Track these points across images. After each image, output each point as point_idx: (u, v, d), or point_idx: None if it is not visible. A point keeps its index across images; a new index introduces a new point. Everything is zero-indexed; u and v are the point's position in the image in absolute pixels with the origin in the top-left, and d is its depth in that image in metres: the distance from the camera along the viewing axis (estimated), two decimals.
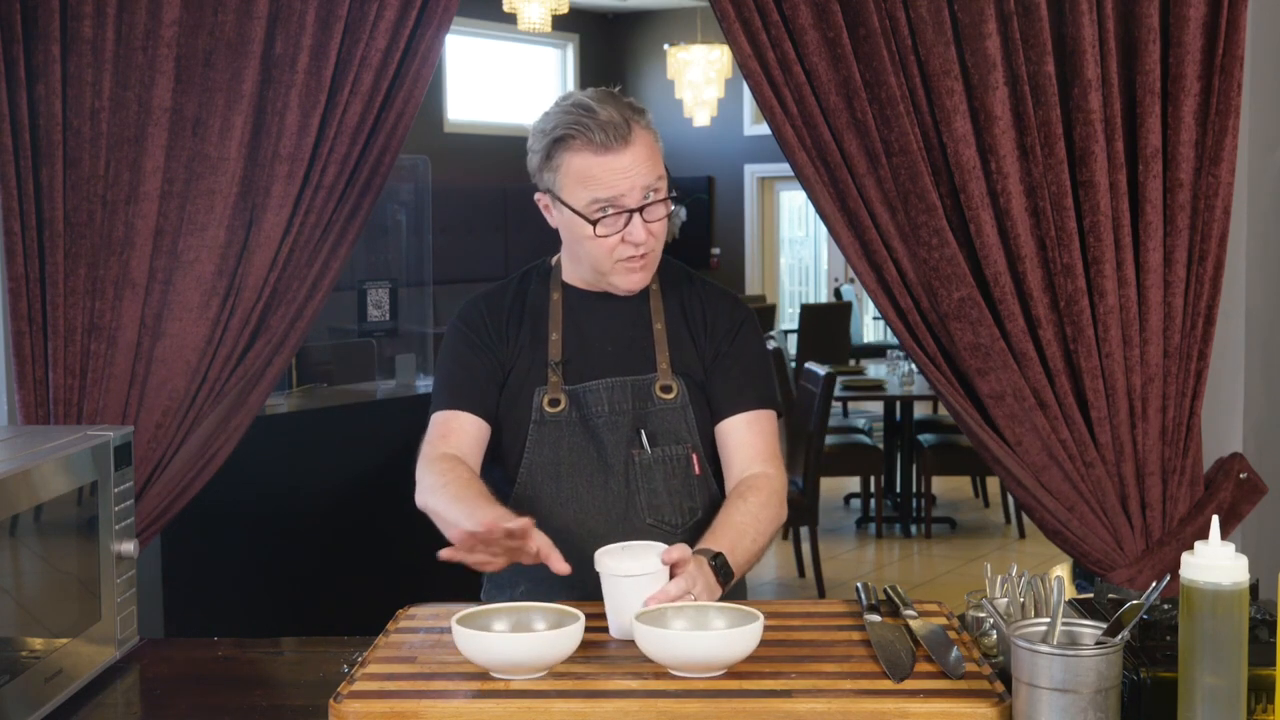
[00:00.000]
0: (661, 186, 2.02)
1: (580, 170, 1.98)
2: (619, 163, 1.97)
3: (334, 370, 5.07)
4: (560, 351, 2.09)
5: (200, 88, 2.36)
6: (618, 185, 1.98)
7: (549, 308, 2.13)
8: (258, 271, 2.41)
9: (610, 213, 1.99)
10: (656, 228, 2.03)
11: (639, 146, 1.99)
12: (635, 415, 2.06)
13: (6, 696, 1.61)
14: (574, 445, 2.06)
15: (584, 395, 2.07)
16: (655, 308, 2.13)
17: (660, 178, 2.02)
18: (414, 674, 1.66)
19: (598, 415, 2.06)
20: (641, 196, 1.99)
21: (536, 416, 2.07)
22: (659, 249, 2.07)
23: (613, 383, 2.07)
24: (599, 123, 1.97)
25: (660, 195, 2.01)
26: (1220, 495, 2.38)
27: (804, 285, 14.52)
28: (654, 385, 2.07)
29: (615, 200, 1.99)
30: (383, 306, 5.12)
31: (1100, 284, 2.30)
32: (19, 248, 2.33)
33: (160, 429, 2.39)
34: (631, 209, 1.99)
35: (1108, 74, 2.28)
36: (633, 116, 2.00)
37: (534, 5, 8.63)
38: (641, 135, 2.00)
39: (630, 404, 2.07)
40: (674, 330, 2.12)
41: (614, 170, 1.98)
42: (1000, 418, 2.36)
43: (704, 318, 2.13)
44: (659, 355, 2.09)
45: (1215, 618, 1.38)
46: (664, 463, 2.07)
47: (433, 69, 2.45)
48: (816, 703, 1.53)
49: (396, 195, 5.50)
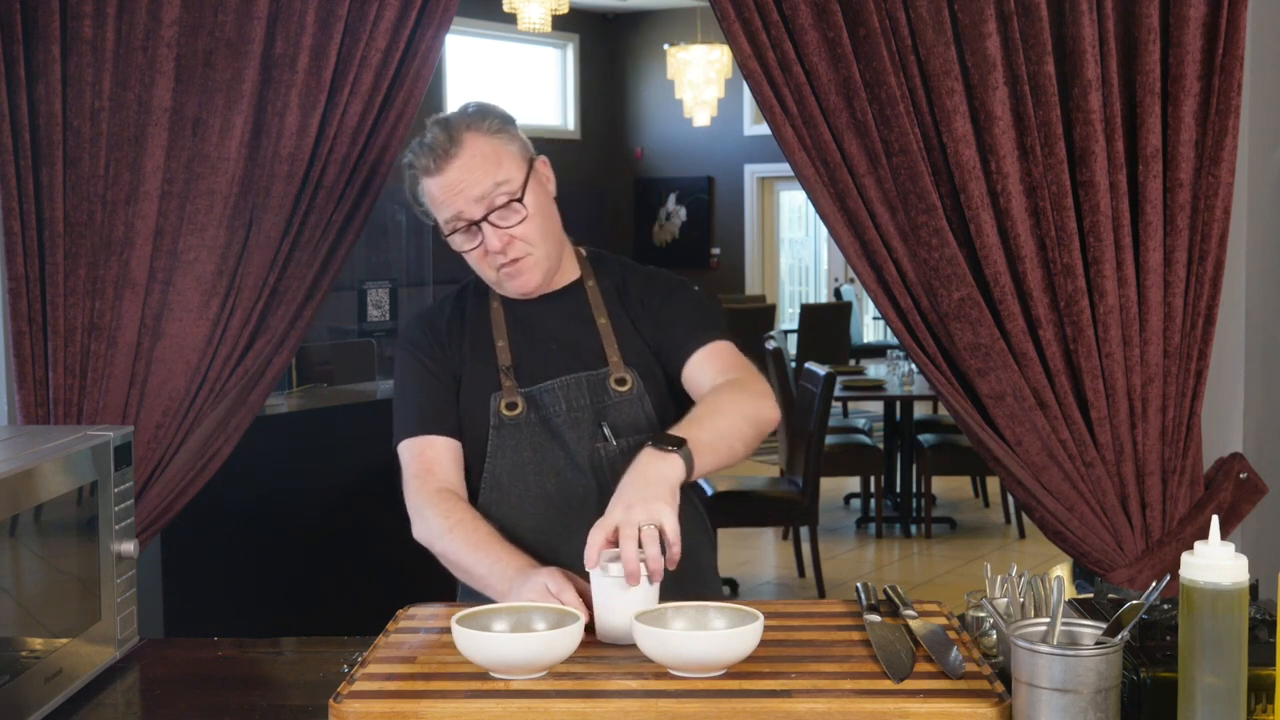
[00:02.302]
0: (505, 190, 1.99)
1: (428, 194, 2.03)
2: (447, 179, 1.99)
3: (334, 370, 5.07)
4: (509, 356, 2.09)
5: (200, 88, 2.36)
6: (454, 202, 2.00)
7: (490, 316, 2.13)
8: (258, 271, 2.41)
9: (461, 227, 2.01)
10: (519, 230, 2.01)
11: (465, 157, 1.99)
12: (595, 410, 2.06)
13: (6, 696, 1.61)
14: (537, 446, 2.06)
15: (540, 396, 2.06)
16: (595, 303, 2.12)
17: (501, 183, 1.99)
18: (414, 674, 1.66)
19: (556, 414, 2.06)
20: (484, 206, 1.99)
21: (495, 422, 2.06)
22: (541, 248, 2.04)
23: (568, 380, 2.07)
24: (425, 146, 2.00)
25: (505, 200, 2.00)
26: (1220, 495, 2.38)
27: (804, 285, 14.52)
28: (608, 379, 2.07)
29: (458, 217, 2.00)
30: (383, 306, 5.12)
31: (1100, 284, 2.30)
32: (19, 248, 2.33)
33: (160, 429, 2.39)
34: (474, 220, 2.00)
35: (1108, 74, 2.28)
36: (466, 126, 2.00)
37: (534, 5, 8.64)
38: (473, 145, 2.00)
39: (588, 399, 2.06)
40: (618, 323, 2.11)
41: (445, 188, 2.00)
42: (1000, 418, 2.36)
43: (643, 302, 2.13)
44: (608, 349, 2.08)
45: (1215, 618, 1.38)
46: (629, 454, 2.03)
47: (433, 69, 2.45)
48: (816, 703, 1.53)
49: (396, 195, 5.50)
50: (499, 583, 1.90)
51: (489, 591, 1.93)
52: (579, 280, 2.15)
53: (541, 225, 2.04)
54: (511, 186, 2.00)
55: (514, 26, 9.30)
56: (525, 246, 2.03)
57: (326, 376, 5.00)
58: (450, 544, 1.98)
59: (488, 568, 1.93)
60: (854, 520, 7.25)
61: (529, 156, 2.06)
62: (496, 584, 1.91)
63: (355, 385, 4.93)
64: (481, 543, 1.96)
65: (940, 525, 7.06)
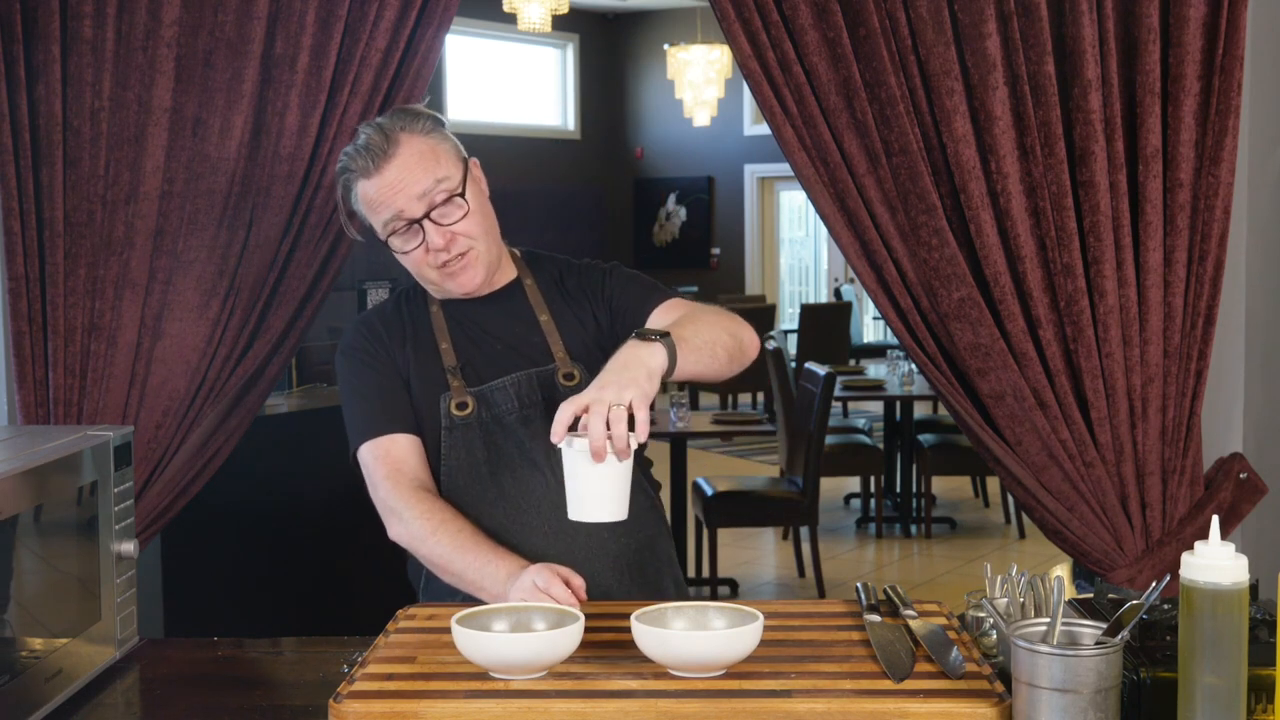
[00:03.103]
0: (445, 187, 1.99)
1: (364, 197, 2.01)
2: (385, 179, 1.98)
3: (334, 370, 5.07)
4: (454, 357, 2.08)
5: (200, 88, 2.36)
6: (394, 201, 1.99)
7: (430, 320, 2.12)
8: (258, 272, 2.41)
9: (400, 229, 2.01)
10: (461, 226, 2.01)
11: (402, 157, 1.98)
12: (547, 405, 2.04)
13: (6, 696, 1.61)
14: (490, 445, 2.05)
15: (491, 394, 2.05)
16: (535, 301, 2.12)
17: (441, 179, 1.99)
18: (414, 674, 1.66)
19: (509, 412, 2.05)
20: (424, 204, 1.99)
21: (446, 423, 2.05)
22: (483, 243, 2.04)
23: (518, 377, 2.06)
24: (359, 148, 2.00)
25: (445, 196, 2.00)
26: (1220, 495, 2.38)
27: (804, 285, 14.52)
28: (556, 374, 2.06)
29: (398, 215, 2.00)
30: None
31: (1100, 284, 2.30)
32: (19, 248, 2.33)
33: (160, 429, 2.39)
34: (416, 218, 1.99)
35: (1108, 74, 2.28)
36: (400, 128, 2.00)
37: (534, 5, 8.64)
38: (409, 144, 1.99)
39: (539, 395, 2.06)
40: (561, 318, 2.11)
41: (384, 188, 1.99)
42: (1000, 418, 2.36)
43: (582, 291, 2.13)
44: (553, 345, 2.08)
45: (1215, 618, 1.38)
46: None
47: (433, 69, 2.45)
48: (816, 703, 1.53)
49: None
50: (492, 586, 1.90)
51: (481, 595, 1.93)
52: (517, 280, 2.15)
53: (482, 221, 2.04)
54: (452, 183, 2.00)
55: (514, 26, 9.30)
56: (468, 242, 2.03)
57: (326, 376, 5.00)
58: (435, 548, 1.97)
59: (477, 572, 1.92)
60: (854, 520, 7.25)
61: (463, 156, 2.06)
62: (490, 588, 1.91)
63: None
64: (467, 545, 1.95)
65: (940, 525, 7.06)
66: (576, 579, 1.85)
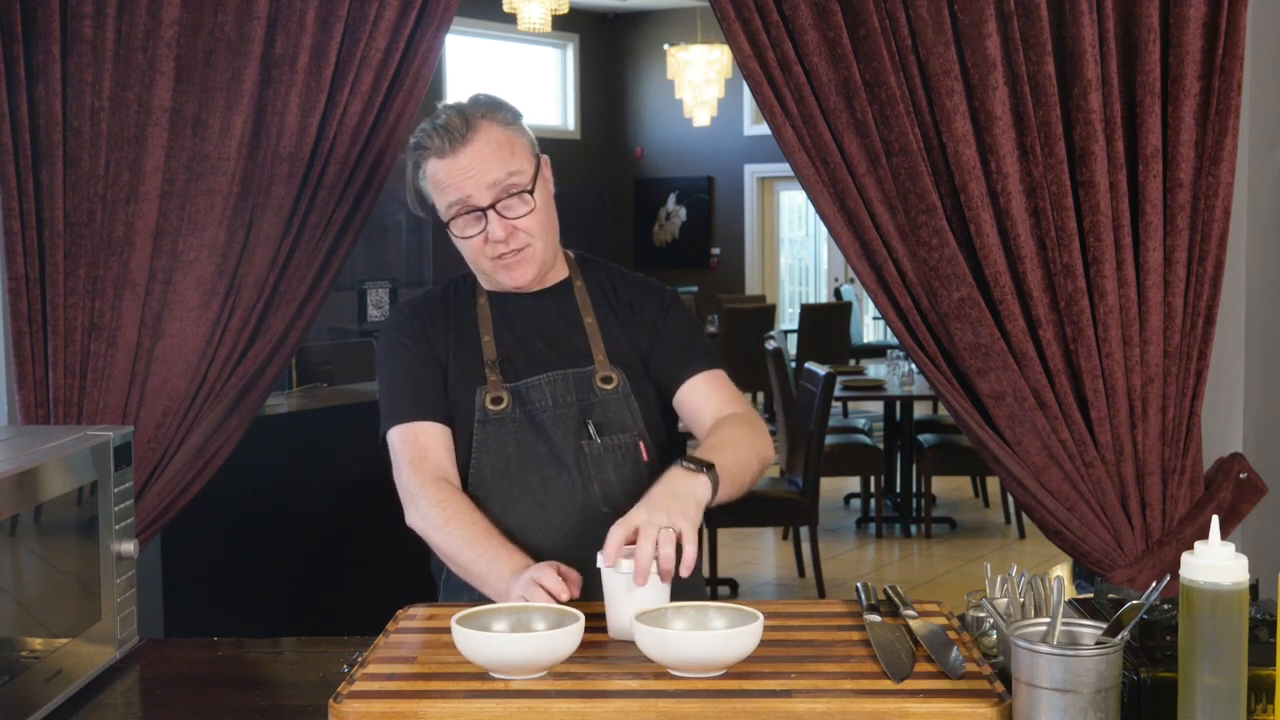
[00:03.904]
0: (518, 181, 2.01)
1: (432, 176, 2.03)
2: (459, 163, 2.00)
3: (334, 370, 5.08)
4: (495, 351, 2.10)
5: (200, 88, 2.36)
6: (463, 186, 2.00)
7: (476, 312, 2.13)
8: (258, 271, 2.41)
9: (464, 214, 2.02)
10: (524, 223, 2.03)
11: (481, 144, 2.00)
12: (581, 407, 2.06)
13: (6, 696, 1.61)
14: (522, 441, 2.06)
15: (526, 391, 2.07)
16: (583, 303, 2.14)
17: (514, 172, 2.00)
18: (414, 674, 1.66)
19: (542, 410, 2.06)
20: (492, 194, 2.00)
21: (480, 416, 2.06)
22: (542, 242, 2.06)
23: (554, 376, 2.08)
24: (438, 127, 2.01)
25: (516, 190, 2.01)
26: (1220, 495, 2.38)
27: (804, 285, 14.52)
28: (594, 377, 2.08)
29: (465, 201, 2.01)
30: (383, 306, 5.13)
31: (1100, 284, 2.30)
32: (19, 248, 2.33)
33: (160, 429, 2.39)
34: (482, 207, 2.00)
35: (1108, 74, 2.28)
36: (481, 115, 2.01)
37: (534, 5, 8.64)
38: (488, 132, 2.01)
39: (574, 396, 2.07)
40: (605, 323, 2.12)
41: (455, 171, 2.00)
42: (1000, 418, 2.36)
43: (632, 308, 2.14)
44: (594, 348, 2.10)
45: (1215, 618, 1.38)
46: (614, 451, 2.07)
47: (433, 69, 2.45)
48: (816, 703, 1.53)
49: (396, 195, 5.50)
50: (496, 582, 1.91)
51: (484, 589, 1.94)
52: (567, 280, 2.17)
53: (545, 220, 2.06)
54: (523, 178, 2.02)
55: (514, 26, 9.30)
56: (527, 238, 2.04)
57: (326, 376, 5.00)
58: (447, 538, 1.98)
59: (485, 566, 1.94)
60: (854, 520, 7.25)
61: (537, 153, 2.08)
62: (494, 584, 1.92)
63: (355, 385, 4.93)
64: (478, 538, 1.96)
65: (940, 525, 7.06)
66: (574, 574, 1.86)
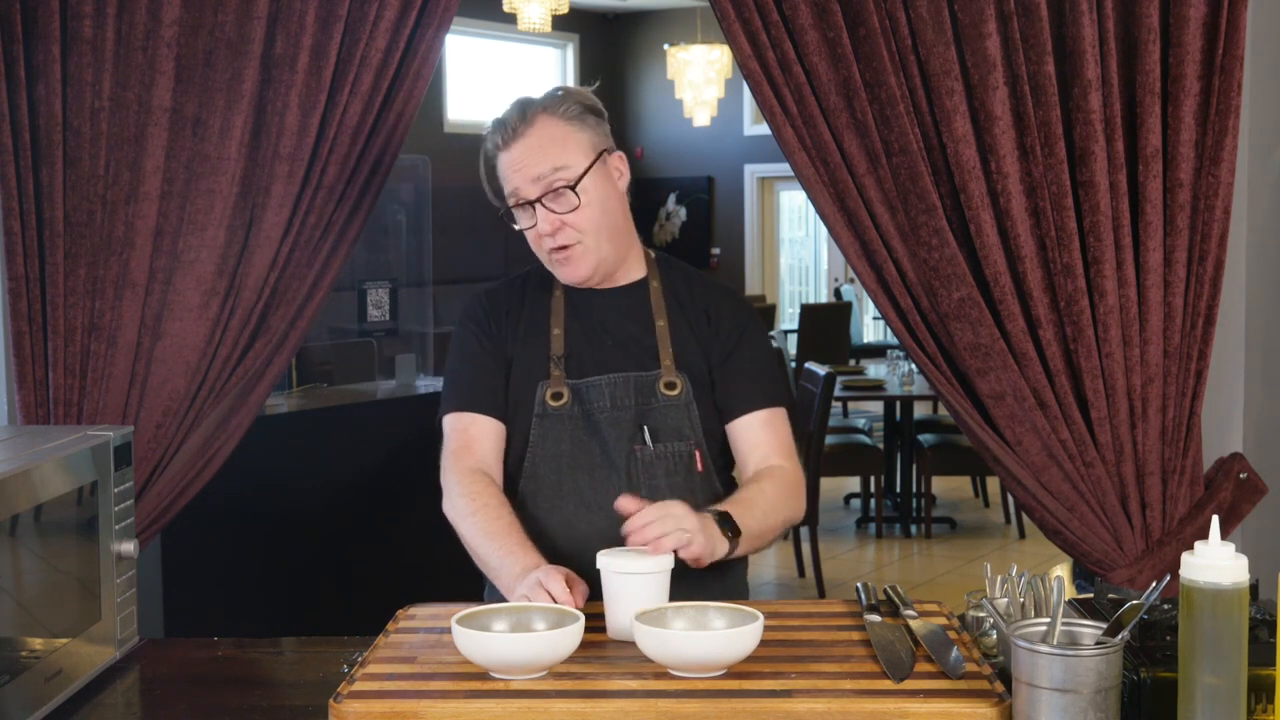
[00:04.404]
0: (564, 176, 2.01)
1: (499, 169, 2.06)
2: (510, 156, 2.04)
3: (334, 370, 5.08)
4: (563, 346, 2.10)
5: (200, 88, 2.36)
6: (513, 179, 2.04)
7: (550, 304, 2.14)
8: (258, 271, 2.41)
9: (517, 205, 2.05)
10: (573, 218, 2.03)
11: (532, 138, 2.02)
12: (638, 411, 2.06)
13: (6, 696, 1.61)
14: (576, 439, 2.06)
15: (586, 390, 2.07)
16: (657, 305, 2.13)
17: (560, 168, 2.01)
18: (414, 674, 1.66)
19: (600, 410, 2.06)
20: (540, 187, 2.02)
21: (540, 410, 2.07)
22: (594, 239, 2.06)
23: (615, 378, 2.07)
24: (497, 122, 2.06)
25: (561, 184, 2.01)
26: (1220, 495, 2.37)
27: (804, 285, 14.51)
28: (658, 382, 2.07)
29: (516, 193, 2.04)
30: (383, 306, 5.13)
31: (1100, 284, 2.30)
32: (19, 248, 2.33)
33: (160, 429, 2.39)
34: (529, 200, 2.03)
35: (1108, 74, 2.28)
36: (542, 108, 2.04)
37: (534, 5, 8.63)
38: (541, 125, 2.03)
39: (633, 400, 2.07)
40: (676, 327, 2.12)
41: (508, 165, 2.04)
42: (1000, 418, 2.36)
43: (708, 316, 2.14)
44: (662, 352, 2.09)
45: (1215, 618, 1.38)
46: (666, 459, 2.06)
47: (433, 69, 2.45)
48: (816, 703, 1.53)
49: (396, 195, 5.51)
50: (506, 579, 1.91)
51: (497, 583, 1.95)
52: (644, 279, 2.16)
53: (597, 217, 2.05)
54: (569, 173, 2.02)
55: (514, 26, 9.30)
56: (575, 234, 2.04)
57: (326, 376, 5.00)
58: (471, 528, 1.99)
59: (498, 559, 1.94)
60: (854, 520, 7.25)
61: (601, 147, 2.07)
62: (504, 579, 1.92)
63: (355, 385, 4.93)
64: (499, 532, 1.96)
65: (940, 525, 7.06)
66: (581, 584, 1.85)
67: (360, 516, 4.08)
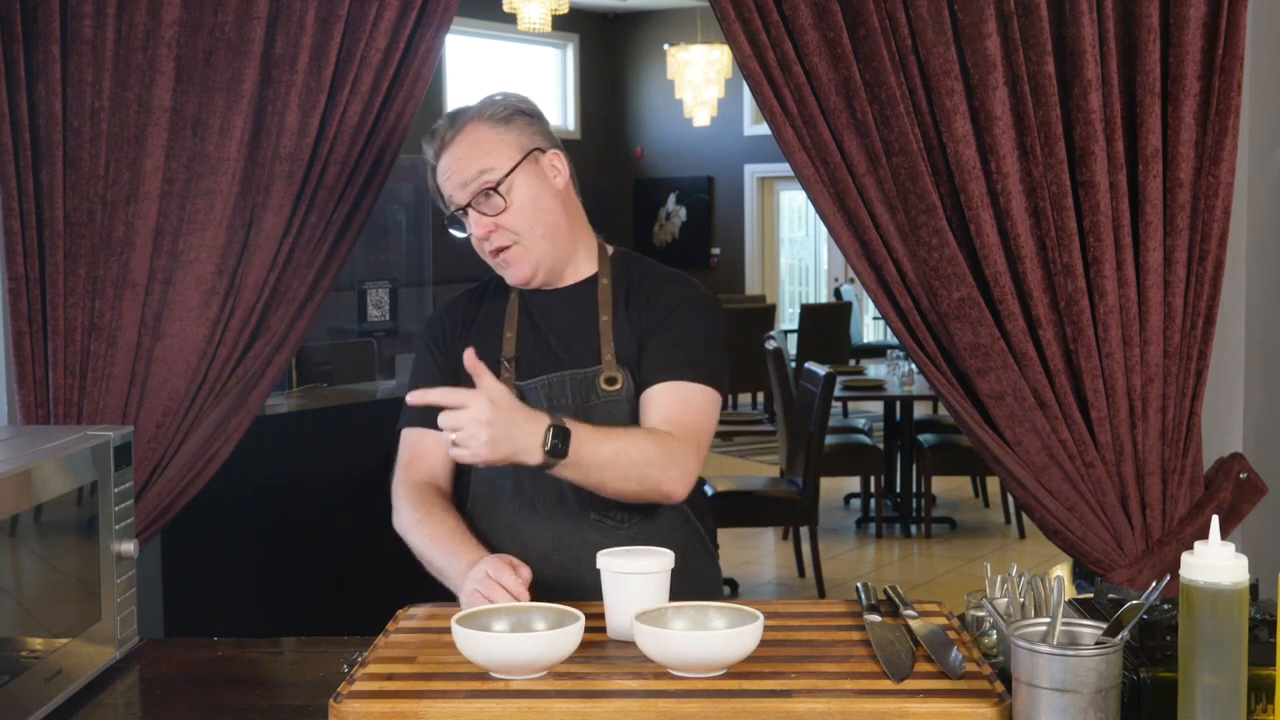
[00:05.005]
0: (488, 179, 2.01)
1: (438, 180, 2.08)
2: (442, 165, 2.06)
3: (334, 370, 5.08)
4: (513, 349, 2.11)
5: (200, 88, 2.36)
6: (445, 188, 2.06)
7: (506, 307, 2.15)
8: (258, 271, 2.41)
9: (456, 212, 2.06)
10: (503, 219, 2.03)
11: (459, 145, 2.04)
12: (577, 409, 2.04)
13: (6, 696, 1.61)
14: None
15: (528, 393, 2.07)
16: (603, 301, 2.12)
17: (484, 170, 2.02)
18: (414, 674, 1.66)
19: None
20: (468, 193, 2.03)
21: None
22: (530, 239, 2.05)
23: (550, 379, 2.07)
24: (430, 132, 2.07)
25: (486, 187, 2.01)
26: (1220, 495, 2.37)
27: (804, 285, 14.51)
28: (598, 378, 2.06)
29: (451, 201, 2.06)
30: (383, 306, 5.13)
31: (1100, 284, 2.30)
32: (19, 248, 2.33)
33: (160, 429, 2.39)
34: (461, 206, 2.04)
35: (1108, 74, 2.28)
36: (472, 116, 2.05)
37: (534, 5, 8.64)
38: (471, 131, 2.04)
39: (570, 399, 2.06)
40: (619, 322, 2.10)
41: (441, 174, 2.06)
42: (1000, 418, 2.36)
43: (646, 301, 2.10)
44: (604, 347, 2.08)
45: (1215, 618, 1.38)
46: None
47: (433, 69, 2.45)
48: (816, 703, 1.53)
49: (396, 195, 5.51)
50: (454, 575, 1.93)
51: (448, 584, 1.96)
52: (594, 277, 2.15)
53: (529, 215, 2.04)
54: (493, 176, 2.02)
55: (514, 26, 9.30)
56: (510, 236, 2.04)
57: (326, 376, 5.00)
58: (416, 536, 2.02)
59: (445, 560, 1.96)
60: (854, 520, 7.25)
61: (530, 147, 2.06)
62: (453, 577, 1.94)
63: (355, 385, 4.93)
64: (444, 537, 1.99)
65: (940, 525, 7.06)
66: (525, 569, 1.86)
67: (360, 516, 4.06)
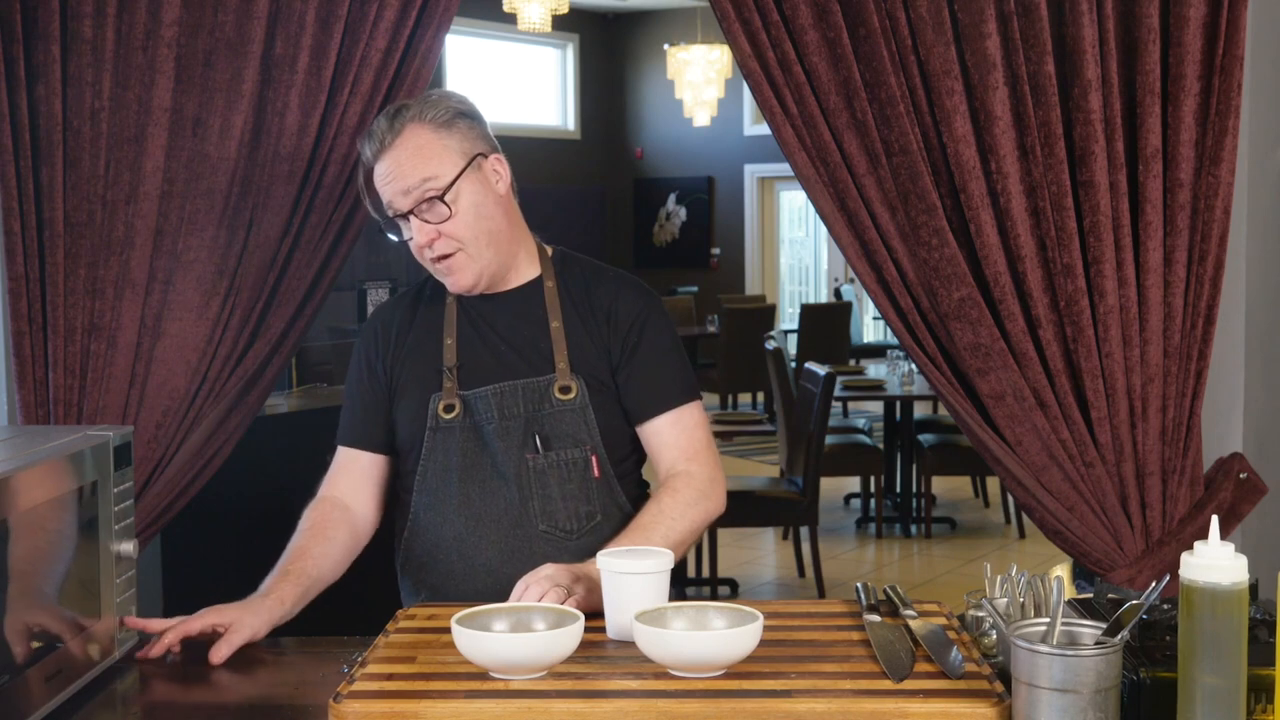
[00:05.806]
0: (433, 186, 1.97)
1: (374, 181, 2.02)
2: (381, 169, 2.00)
3: (334, 370, 5.08)
4: (455, 356, 2.07)
5: (200, 88, 2.36)
6: (385, 192, 2.01)
7: (444, 312, 2.11)
8: (258, 271, 2.41)
9: (396, 218, 2.01)
10: (447, 227, 1.99)
11: (400, 149, 1.98)
12: (529, 419, 2.02)
13: (6, 696, 1.61)
14: (467, 451, 2.04)
15: (475, 401, 2.04)
16: (551, 305, 2.08)
17: (428, 178, 1.97)
18: (414, 674, 1.66)
19: (487, 422, 2.03)
20: (411, 200, 1.97)
21: (432, 423, 2.05)
22: (474, 247, 2.01)
23: (503, 387, 2.04)
24: (368, 134, 2.01)
25: (430, 195, 1.97)
26: (1220, 495, 2.38)
27: (804, 285, 14.52)
28: (552, 386, 2.03)
29: (390, 206, 2.01)
30: None
31: (1100, 284, 2.30)
32: (19, 248, 2.33)
33: (160, 429, 2.39)
34: (403, 213, 1.99)
35: (1108, 74, 2.28)
36: (412, 117, 1.99)
37: (534, 5, 8.64)
38: (410, 135, 1.98)
39: (522, 408, 2.03)
40: (571, 328, 2.06)
41: (380, 178, 2.01)
42: (1000, 418, 2.36)
43: (606, 312, 2.07)
44: (557, 355, 2.04)
45: (1215, 618, 1.38)
46: (559, 467, 2.03)
47: (433, 69, 2.45)
48: (816, 703, 1.53)
49: None
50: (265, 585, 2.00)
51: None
52: (538, 279, 2.11)
53: (473, 223, 2.00)
54: (438, 183, 1.97)
55: (514, 26, 9.30)
56: (453, 243, 2.00)
57: (326, 376, 5.00)
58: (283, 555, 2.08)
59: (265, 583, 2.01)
60: (854, 520, 7.25)
61: (473, 152, 2.02)
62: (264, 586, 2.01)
63: None
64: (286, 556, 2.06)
65: (940, 525, 7.06)
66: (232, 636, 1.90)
67: None
